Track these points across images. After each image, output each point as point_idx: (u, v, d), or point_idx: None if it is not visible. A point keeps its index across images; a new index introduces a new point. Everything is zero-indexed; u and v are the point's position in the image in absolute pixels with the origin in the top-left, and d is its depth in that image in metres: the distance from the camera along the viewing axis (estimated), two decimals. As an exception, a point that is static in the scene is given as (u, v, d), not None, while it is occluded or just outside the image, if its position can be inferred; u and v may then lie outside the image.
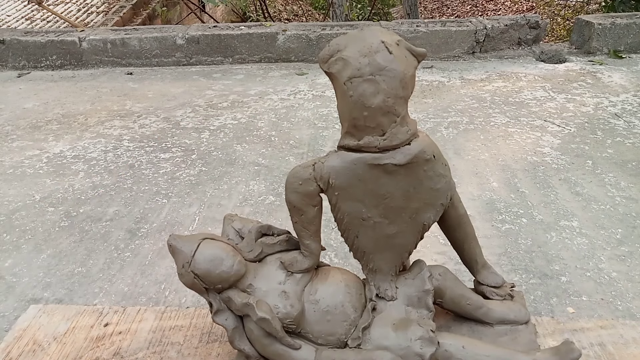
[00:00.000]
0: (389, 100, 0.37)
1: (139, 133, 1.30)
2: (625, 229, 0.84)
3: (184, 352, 0.54)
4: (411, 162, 0.40)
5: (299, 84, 1.66)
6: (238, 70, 1.83)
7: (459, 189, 0.92)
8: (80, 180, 1.07)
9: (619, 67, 1.71)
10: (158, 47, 1.89)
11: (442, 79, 1.66)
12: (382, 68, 0.37)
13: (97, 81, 1.76)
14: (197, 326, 0.58)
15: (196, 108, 1.47)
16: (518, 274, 0.74)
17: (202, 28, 1.94)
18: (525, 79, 1.64)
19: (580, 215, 0.88)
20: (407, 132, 0.39)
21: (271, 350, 0.44)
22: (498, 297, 0.51)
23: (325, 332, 0.45)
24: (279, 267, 0.45)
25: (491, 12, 5.70)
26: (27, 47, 1.89)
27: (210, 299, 0.45)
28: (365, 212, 0.42)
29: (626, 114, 1.33)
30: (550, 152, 1.12)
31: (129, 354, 0.54)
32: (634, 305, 0.67)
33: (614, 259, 0.76)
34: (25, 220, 0.93)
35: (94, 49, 1.89)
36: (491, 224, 0.86)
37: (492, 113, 1.36)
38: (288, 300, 0.44)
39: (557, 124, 1.28)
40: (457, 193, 0.46)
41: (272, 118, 1.37)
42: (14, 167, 1.13)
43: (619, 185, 0.97)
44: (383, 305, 0.47)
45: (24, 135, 1.32)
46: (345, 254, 0.79)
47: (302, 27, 1.94)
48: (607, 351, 0.53)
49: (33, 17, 3.46)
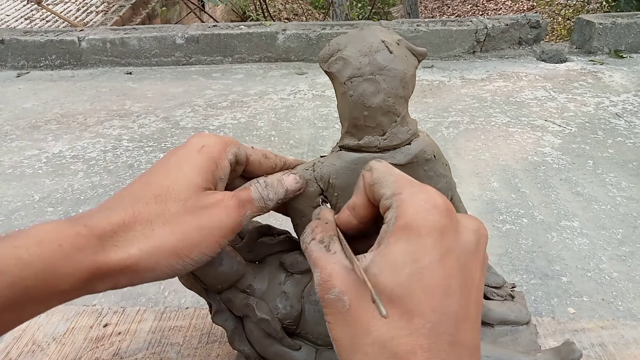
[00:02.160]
0: (389, 99, 0.37)
1: (138, 133, 1.30)
2: (626, 229, 0.83)
3: (184, 352, 0.54)
4: (411, 162, 0.40)
5: (299, 83, 1.66)
6: (238, 70, 1.82)
7: (460, 189, 0.92)
8: (80, 180, 1.07)
9: (620, 66, 1.71)
10: (157, 47, 1.89)
11: (442, 79, 1.66)
12: (382, 67, 0.36)
13: (97, 81, 1.76)
14: (197, 327, 0.58)
15: (196, 108, 1.47)
16: (519, 274, 0.73)
17: (202, 27, 1.94)
18: (526, 78, 1.63)
19: (581, 215, 0.88)
20: (408, 131, 0.39)
21: (271, 351, 0.44)
22: (499, 297, 0.51)
23: (325, 333, 0.44)
24: (279, 268, 0.45)
25: (492, 12, 5.70)
26: (27, 47, 1.89)
27: (210, 299, 0.45)
28: (365, 213, 0.42)
29: (627, 113, 1.33)
30: (551, 152, 1.12)
31: (128, 354, 0.54)
32: (634, 305, 0.66)
33: (615, 259, 0.76)
34: (24, 221, 0.93)
35: (93, 49, 1.89)
36: (492, 224, 0.86)
37: (492, 113, 1.36)
38: (288, 300, 0.43)
39: (558, 123, 1.28)
40: (457, 193, 0.45)
41: (271, 118, 1.37)
42: (13, 167, 1.13)
43: (620, 185, 0.97)
44: (383, 305, 0.47)
45: (23, 135, 1.31)
46: (345, 254, 0.79)
47: (302, 26, 1.94)
48: (608, 351, 0.53)
49: (32, 16, 3.46)
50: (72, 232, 0.28)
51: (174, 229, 0.31)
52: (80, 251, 0.28)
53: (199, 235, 0.32)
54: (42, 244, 0.27)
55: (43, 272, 0.27)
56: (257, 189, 0.37)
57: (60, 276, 0.27)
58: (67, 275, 0.27)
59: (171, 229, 0.31)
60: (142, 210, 0.31)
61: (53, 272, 0.27)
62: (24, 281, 0.26)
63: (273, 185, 0.38)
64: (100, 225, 0.30)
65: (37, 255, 0.26)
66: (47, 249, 0.27)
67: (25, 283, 0.26)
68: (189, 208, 0.32)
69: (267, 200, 0.37)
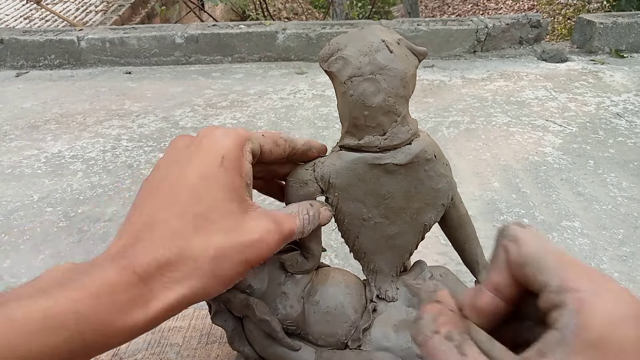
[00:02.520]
0: (389, 99, 0.37)
1: (138, 133, 1.30)
2: (627, 229, 0.83)
3: (183, 353, 0.54)
4: (412, 162, 0.40)
5: (299, 83, 1.66)
6: (237, 70, 1.82)
7: (460, 189, 0.91)
8: (79, 180, 1.06)
9: (621, 66, 1.71)
10: (157, 46, 1.88)
11: (443, 78, 1.66)
12: (382, 67, 0.36)
13: (96, 80, 1.75)
14: (196, 327, 0.57)
15: (195, 107, 1.47)
16: (519, 274, 0.73)
17: (201, 27, 1.94)
18: (526, 78, 1.63)
19: (582, 215, 0.87)
20: (408, 131, 0.39)
21: (271, 351, 0.44)
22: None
23: (325, 333, 0.44)
24: (279, 268, 0.45)
25: (492, 11, 5.70)
26: (26, 47, 1.89)
27: (210, 300, 0.44)
28: (366, 213, 0.42)
29: (628, 113, 1.32)
30: (551, 152, 1.12)
31: (127, 355, 0.54)
32: (636, 306, 0.66)
33: (616, 259, 0.76)
34: (23, 221, 0.92)
35: (93, 48, 1.88)
36: (492, 224, 0.86)
37: (493, 112, 1.36)
38: (287, 301, 0.43)
39: (559, 123, 1.28)
40: (458, 193, 0.45)
41: (271, 117, 1.37)
42: (12, 167, 1.13)
43: (621, 185, 0.97)
44: (384, 306, 0.46)
45: (22, 135, 1.31)
46: (345, 254, 0.79)
47: (302, 25, 1.94)
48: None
49: (31, 16, 3.46)
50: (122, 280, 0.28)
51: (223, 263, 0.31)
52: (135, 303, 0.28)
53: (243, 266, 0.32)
54: (99, 299, 0.27)
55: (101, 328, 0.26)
56: (303, 222, 0.37)
57: (117, 332, 0.27)
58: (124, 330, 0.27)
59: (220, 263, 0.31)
60: (185, 247, 0.30)
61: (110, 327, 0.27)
62: (81, 335, 0.26)
63: (315, 218, 0.38)
64: (149, 270, 0.29)
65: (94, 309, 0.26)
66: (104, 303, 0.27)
67: (83, 337, 0.26)
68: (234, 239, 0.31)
69: (304, 234, 0.37)
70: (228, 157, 0.32)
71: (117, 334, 0.27)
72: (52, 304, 0.25)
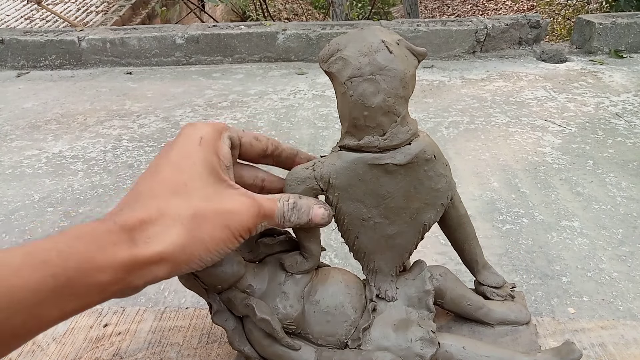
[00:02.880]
0: (389, 99, 0.37)
1: (138, 133, 1.30)
2: (626, 229, 0.83)
3: (184, 352, 0.54)
4: (412, 162, 0.40)
5: (299, 83, 1.66)
6: (238, 70, 1.82)
7: (460, 189, 0.92)
8: (80, 180, 1.06)
9: (620, 66, 1.71)
10: (157, 47, 1.89)
11: (442, 79, 1.66)
12: (382, 67, 0.36)
13: (96, 81, 1.76)
14: (197, 327, 0.58)
15: (195, 108, 1.47)
16: (519, 274, 0.73)
17: (202, 27, 1.94)
18: (526, 78, 1.63)
19: (581, 215, 0.88)
20: (408, 131, 0.39)
21: (271, 351, 0.44)
22: (499, 297, 0.51)
23: (325, 332, 0.44)
24: (279, 268, 0.45)
25: (492, 12, 5.70)
26: (26, 47, 1.89)
27: (210, 299, 0.44)
28: (365, 213, 0.42)
29: (627, 113, 1.33)
30: (551, 152, 1.12)
31: (128, 354, 0.54)
32: (634, 305, 0.66)
33: (615, 259, 0.76)
34: (24, 221, 0.93)
35: (93, 49, 1.89)
36: (492, 224, 0.86)
37: (492, 113, 1.36)
38: (288, 300, 0.43)
39: (558, 123, 1.28)
40: (457, 193, 0.45)
41: (271, 118, 1.37)
42: (13, 167, 1.13)
43: (620, 185, 0.97)
44: (383, 305, 0.47)
45: (23, 135, 1.31)
46: (345, 254, 0.79)
47: (302, 26, 1.94)
48: (608, 351, 0.53)
49: (32, 16, 3.46)
50: (104, 228, 0.30)
51: (202, 224, 0.32)
52: (116, 245, 0.29)
53: (224, 231, 0.33)
54: (80, 239, 0.28)
55: (83, 264, 0.28)
56: (283, 207, 0.37)
57: (100, 268, 0.28)
58: (106, 266, 0.28)
59: (199, 224, 0.32)
60: (165, 206, 0.32)
61: (92, 263, 0.28)
62: (66, 272, 0.27)
63: (300, 209, 0.38)
64: (130, 222, 0.30)
65: (77, 248, 0.28)
66: (85, 243, 0.28)
67: (67, 274, 0.27)
68: (213, 205, 0.33)
69: (286, 220, 0.38)
70: (206, 138, 0.36)
71: (100, 269, 0.28)
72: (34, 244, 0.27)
